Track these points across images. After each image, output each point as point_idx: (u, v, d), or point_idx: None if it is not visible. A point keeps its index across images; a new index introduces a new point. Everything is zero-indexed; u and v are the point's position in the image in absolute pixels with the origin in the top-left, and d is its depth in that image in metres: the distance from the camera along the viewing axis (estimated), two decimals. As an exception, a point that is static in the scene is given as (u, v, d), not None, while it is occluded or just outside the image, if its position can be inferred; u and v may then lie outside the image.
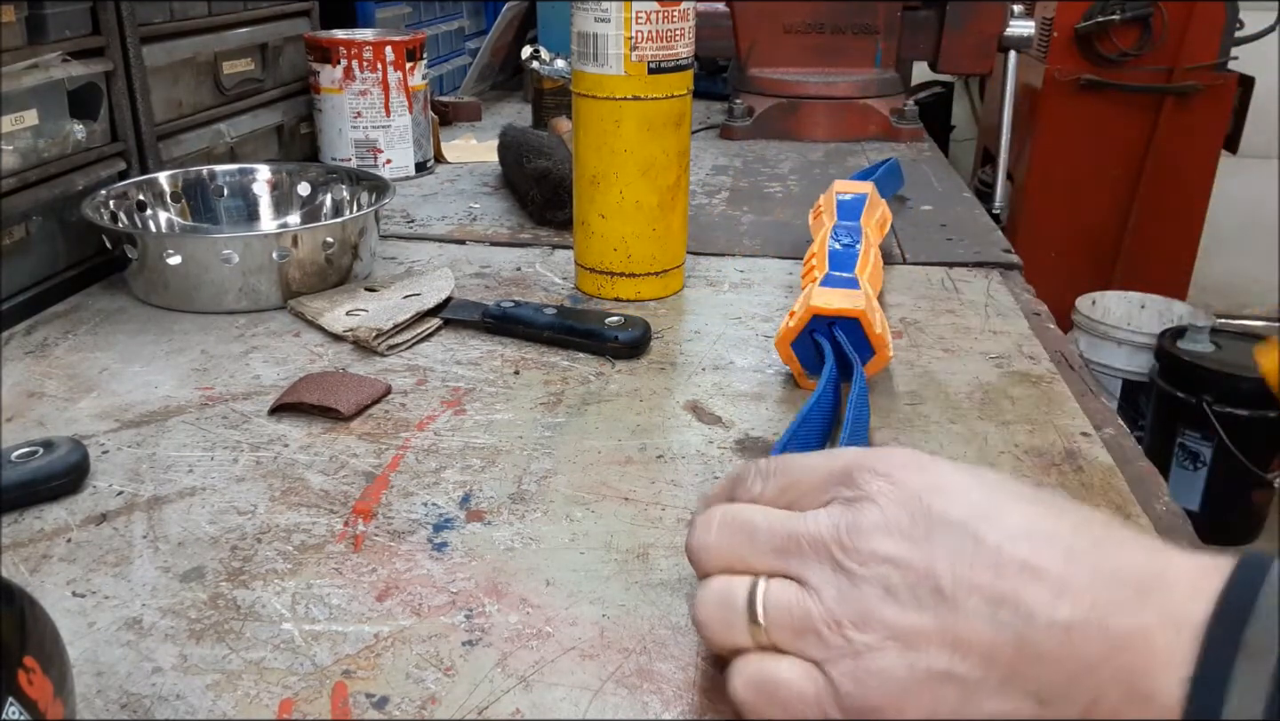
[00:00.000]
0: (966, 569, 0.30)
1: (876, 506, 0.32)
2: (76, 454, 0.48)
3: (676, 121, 0.69)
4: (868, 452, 0.34)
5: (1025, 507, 0.31)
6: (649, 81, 0.67)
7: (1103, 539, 0.30)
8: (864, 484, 0.32)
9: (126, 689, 0.35)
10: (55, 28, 0.70)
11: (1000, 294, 0.74)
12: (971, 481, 0.32)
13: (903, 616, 0.30)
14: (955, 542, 0.30)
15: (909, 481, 0.32)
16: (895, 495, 0.31)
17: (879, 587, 0.30)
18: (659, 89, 0.67)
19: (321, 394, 0.55)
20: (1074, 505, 0.32)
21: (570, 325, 0.64)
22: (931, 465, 0.33)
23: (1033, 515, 0.31)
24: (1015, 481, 0.33)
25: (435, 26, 1.49)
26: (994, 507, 0.31)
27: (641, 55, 0.66)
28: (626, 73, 0.66)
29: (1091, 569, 0.29)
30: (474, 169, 1.11)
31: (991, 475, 0.33)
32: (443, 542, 0.44)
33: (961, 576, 0.29)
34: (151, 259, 0.69)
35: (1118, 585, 0.28)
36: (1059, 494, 0.33)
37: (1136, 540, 0.30)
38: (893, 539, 0.31)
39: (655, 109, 0.67)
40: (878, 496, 0.32)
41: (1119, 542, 0.29)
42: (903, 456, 0.33)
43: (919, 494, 0.31)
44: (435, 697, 0.35)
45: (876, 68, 1.31)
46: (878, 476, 0.32)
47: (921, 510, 0.31)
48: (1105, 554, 0.29)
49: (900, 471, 0.32)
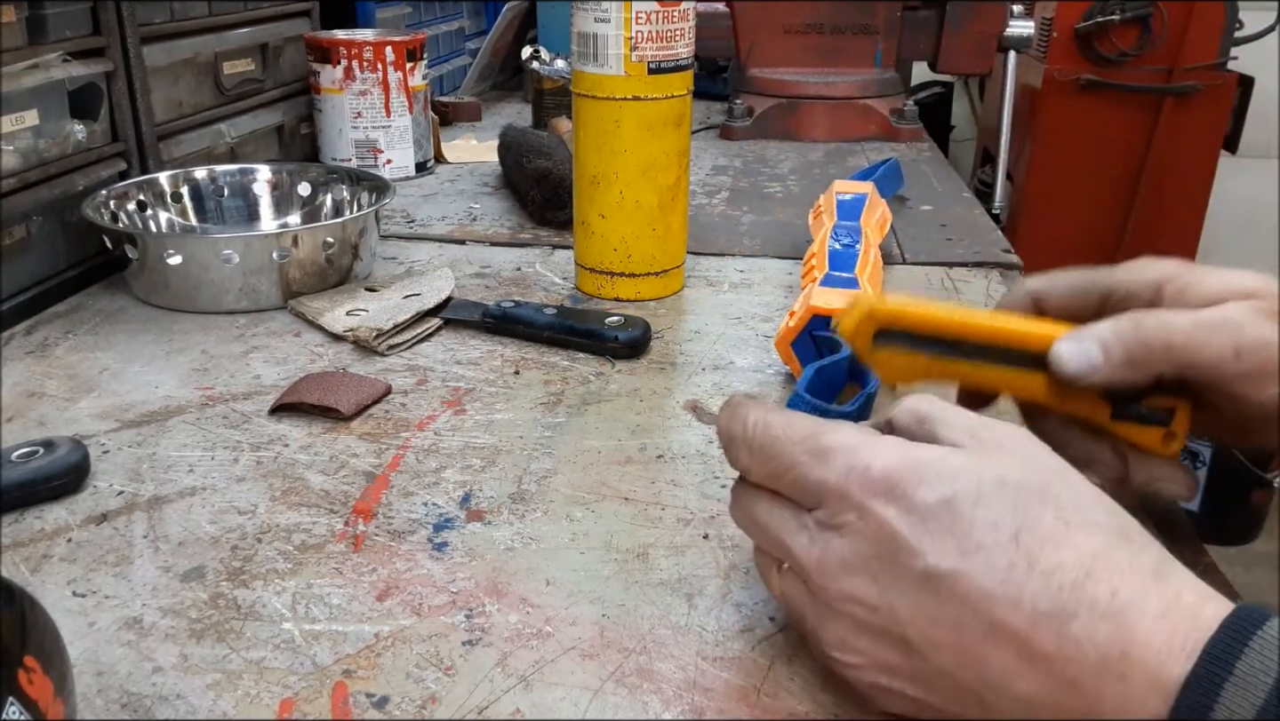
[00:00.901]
0: (929, 624, 0.30)
1: (845, 541, 0.31)
2: (77, 454, 0.48)
3: (676, 121, 0.69)
4: (846, 469, 0.32)
5: (999, 552, 0.29)
6: (649, 81, 0.67)
7: (1072, 595, 0.28)
8: (836, 513, 0.32)
9: (127, 688, 0.35)
10: (55, 28, 0.70)
11: (1000, 294, 0.74)
12: (948, 515, 0.30)
13: (875, 650, 0.32)
14: (919, 596, 0.30)
15: (879, 515, 0.31)
16: (864, 531, 0.31)
17: (851, 622, 0.32)
18: (659, 89, 0.67)
19: (322, 394, 0.55)
20: (1054, 531, 0.29)
21: (570, 325, 0.64)
22: (912, 485, 0.30)
23: (1003, 564, 0.29)
24: (1002, 486, 0.30)
25: (435, 26, 1.50)
26: (964, 554, 0.29)
27: (641, 55, 0.66)
28: (626, 73, 0.66)
29: (1057, 637, 0.28)
30: (474, 169, 1.11)
31: (977, 482, 0.30)
32: (443, 542, 0.44)
33: (925, 632, 0.30)
34: (152, 259, 0.69)
35: (1081, 659, 0.28)
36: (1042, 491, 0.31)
37: (1108, 600, 0.28)
38: (860, 578, 0.31)
39: (655, 109, 0.67)
40: (847, 530, 0.31)
41: (1090, 605, 0.28)
42: (881, 474, 0.31)
43: (888, 535, 0.30)
44: (435, 697, 0.35)
45: (876, 68, 1.31)
46: (849, 507, 0.31)
47: (888, 554, 0.30)
48: (1072, 620, 0.28)
49: (873, 501, 0.31)
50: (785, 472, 0.33)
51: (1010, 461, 0.31)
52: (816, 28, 1.31)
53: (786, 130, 1.29)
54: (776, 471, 0.34)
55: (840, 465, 0.32)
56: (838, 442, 0.33)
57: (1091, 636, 0.28)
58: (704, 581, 0.41)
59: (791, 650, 0.37)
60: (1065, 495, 0.30)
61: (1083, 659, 0.28)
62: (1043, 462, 0.32)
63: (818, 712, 0.35)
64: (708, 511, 0.46)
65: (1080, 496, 0.31)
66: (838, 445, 0.32)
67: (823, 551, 0.32)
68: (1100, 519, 0.30)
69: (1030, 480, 0.31)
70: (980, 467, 0.31)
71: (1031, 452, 0.32)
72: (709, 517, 0.46)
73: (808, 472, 0.33)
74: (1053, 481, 0.31)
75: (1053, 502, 0.30)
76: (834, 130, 1.28)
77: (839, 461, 0.32)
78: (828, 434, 0.33)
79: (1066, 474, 0.32)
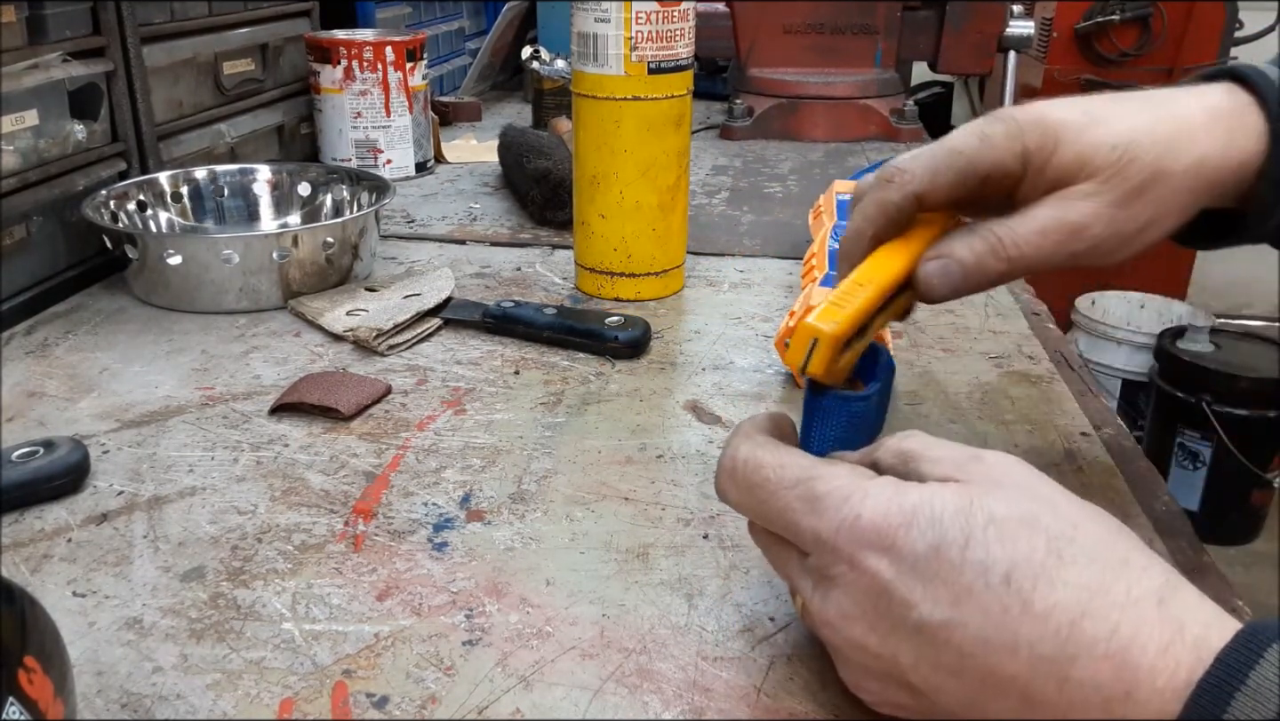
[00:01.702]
0: (930, 671, 0.30)
1: (841, 592, 0.32)
2: (77, 454, 0.48)
3: (676, 122, 0.69)
4: (837, 522, 0.31)
5: (991, 597, 0.28)
6: (649, 82, 0.67)
7: (1070, 637, 0.28)
8: (829, 565, 0.32)
9: (127, 688, 0.35)
10: (56, 28, 0.70)
11: (1000, 294, 0.74)
12: (937, 561, 0.29)
13: (885, 691, 0.32)
14: (917, 646, 0.30)
15: (870, 568, 0.30)
16: (858, 583, 0.31)
17: (858, 666, 0.32)
18: (659, 89, 0.67)
19: (322, 394, 0.55)
20: (1047, 566, 0.29)
21: (570, 325, 0.64)
22: (901, 532, 0.30)
23: (997, 609, 0.28)
24: (991, 522, 0.29)
25: (435, 26, 1.50)
26: (956, 602, 0.29)
27: (641, 55, 0.66)
28: (626, 73, 0.66)
29: (1058, 682, 0.28)
30: (474, 169, 1.11)
31: (965, 523, 0.30)
32: (443, 542, 0.44)
33: (928, 678, 0.30)
34: (152, 259, 0.69)
35: (1084, 703, 0.27)
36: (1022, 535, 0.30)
37: (1108, 639, 0.27)
38: (860, 627, 0.31)
39: (655, 109, 0.67)
40: (840, 581, 0.31)
41: (1089, 646, 0.27)
42: (869, 525, 0.31)
43: (880, 588, 0.30)
44: (435, 697, 0.35)
45: (876, 68, 1.31)
46: (840, 560, 0.31)
47: (883, 606, 0.30)
48: (1073, 662, 0.27)
49: (863, 554, 0.31)
50: (777, 517, 0.34)
51: (999, 495, 0.30)
52: (816, 28, 1.31)
53: (786, 130, 1.29)
54: (767, 516, 0.34)
55: (831, 516, 0.32)
56: (828, 489, 0.32)
57: (1094, 679, 0.27)
58: (704, 581, 0.41)
59: (791, 650, 0.37)
60: (1055, 525, 0.29)
61: (1086, 703, 0.27)
62: (1032, 490, 0.31)
63: (818, 712, 0.35)
64: (708, 511, 0.46)
65: (1072, 524, 0.30)
66: (828, 491, 0.32)
67: (823, 601, 0.32)
68: (1096, 546, 0.29)
69: (1019, 512, 0.30)
70: (969, 506, 0.30)
71: (1020, 480, 0.32)
72: (709, 517, 0.46)
73: (799, 520, 0.33)
74: (1041, 513, 0.30)
75: (1043, 534, 0.29)
76: (834, 130, 1.28)
77: (829, 512, 0.32)
78: (819, 479, 0.33)
79: (1056, 501, 0.31)
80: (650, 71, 0.66)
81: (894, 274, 0.40)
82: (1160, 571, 0.29)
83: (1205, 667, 0.26)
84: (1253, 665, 0.26)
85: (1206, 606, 0.28)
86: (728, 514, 0.44)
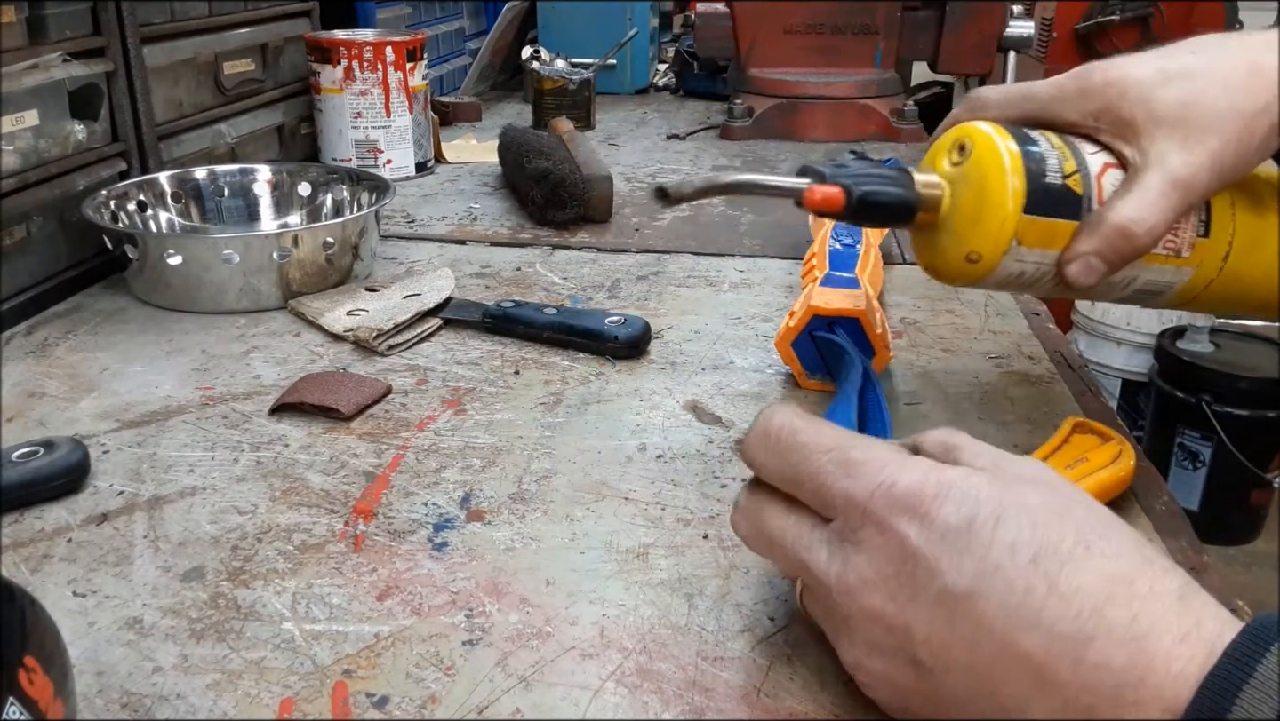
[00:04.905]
0: (943, 647, 0.30)
1: (864, 557, 0.31)
2: (77, 454, 0.48)
3: None
4: (873, 484, 0.32)
5: (1017, 574, 0.29)
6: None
7: (1091, 619, 0.28)
8: (857, 527, 0.32)
9: (127, 688, 0.35)
10: (56, 28, 0.70)
11: (999, 294, 0.74)
12: (968, 534, 0.30)
13: (890, 670, 0.32)
14: (934, 616, 0.30)
15: (900, 532, 0.31)
16: (884, 547, 0.31)
17: (866, 643, 0.32)
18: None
19: (322, 394, 0.55)
20: (1074, 553, 0.29)
21: (570, 325, 0.64)
22: (935, 503, 0.30)
23: (1021, 585, 0.29)
24: (1023, 508, 0.30)
25: (435, 27, 1.50)
26: (982, 576, 0.29)
27: None
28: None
29: (1073, 662, 0.28)
30: (474, 169, 1.11)
31: (999, 503, 0.30)
32: (443, 542, 0.44)
33: (938, 654, 0.30)
34: (152, 259, 0.69)
35: (1095, 685, 0.27)
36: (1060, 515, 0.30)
37: (1127, 625, 0.28)
38: (879, 594, 0.31)
39: None
40: (866, 546, 0.31)
41: (1109, 629, 0.28)
42: (905, 491, 0.31)
43: (908, 553, 0.30)
44: (435, 697, 0.35)
45: (876, 68, 1.31)
46: (870, 523, 0.31)
47: (907, 572, 0.30)
48: (1090, 644, 0.28)
49: (895, 518, 0.31)
50: (808, 479, 0.33)
51: (1031, 488, 0.31)
52: (816, 28, 1.31)
53: (786, 130, 1.29)
54: (798, 477, 0.34)
55: (867, 479, 0.32)
56: (865, 457, 0.32)
57: (1108, 662, 0.27)
58: (704, 581, 0.41)
59: (791, 650, 0.37)
60: (1086, 518, 0.30)
61: (1099, 685, 0.27)
62: (1063, 490, 0.32)
63: (818, 712, 0.35)
64: (708, 511, 0.46)
65: (1101, 521, 0.31)
66: (865, 459, 0.32)
67: (842, 567, 0.32)
68: (1122, 544, 0.30)
69: (1051, 503, 0.31)
70: (1003, 490, 0.31)
71: (1052, 481, 0.32)
72: (709, 517, 0.46)
73: (832, 483, 0.33)
74: (1073, 506, 0.31)
75: (1073, 524, 0.30)
76: (834, 130, 1.28)
77: (866, 475, 0.32)
78: (855, 447, 0.33)
79: (1087, 501, 0.32)
80: None
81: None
82: (1181, 575, 0.30)
83: (1216, 660, 0.27)
84: (1259, 659, 0.26)
85: (1223, 611, 0.29)
86: (728, 514, 0.44)
